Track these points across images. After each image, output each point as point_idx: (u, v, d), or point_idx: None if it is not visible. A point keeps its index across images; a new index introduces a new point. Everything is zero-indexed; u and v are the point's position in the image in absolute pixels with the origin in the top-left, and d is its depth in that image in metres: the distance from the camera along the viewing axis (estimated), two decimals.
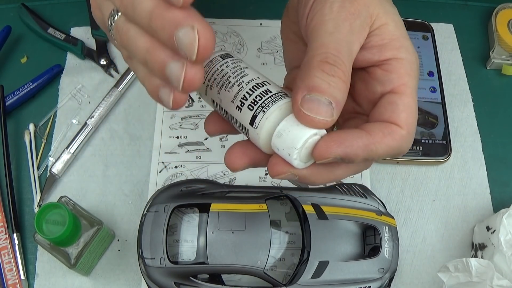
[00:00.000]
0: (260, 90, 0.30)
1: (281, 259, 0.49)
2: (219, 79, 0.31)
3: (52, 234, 0.43)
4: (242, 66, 0.32)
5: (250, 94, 0.30)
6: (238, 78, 0.31)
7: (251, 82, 0.31)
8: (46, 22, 0.60)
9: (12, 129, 0.56)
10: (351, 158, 0.29)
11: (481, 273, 0.43)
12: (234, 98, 0.30)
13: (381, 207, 0.50)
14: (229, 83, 0.31)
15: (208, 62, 0.32)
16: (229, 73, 0.31)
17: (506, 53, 0.60)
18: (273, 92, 0.30)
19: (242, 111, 0.30)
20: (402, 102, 0.31)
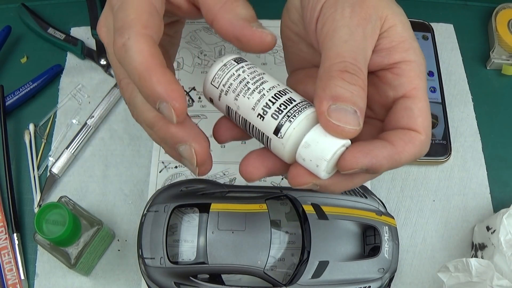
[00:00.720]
0: (283, 98, 0.29)
1: (281, 259, 0.49)
2: (236, 85, 0.30)
3: (52, 234, 0.43)
4: (259, 72, 0.31)
5: (274, 102, 0.29)
6: (258, 85, 0.30)
7: (273, 89, 0.30)
8: (46, 22, 0.60)
9: (12, 129, 0.56)
10: (376, 169, 0.29)
11: (481, 273, 0.43)
12: (255, 105, 0.29)
13: (381, 207, 0.50)
14: (248, 89, 0.30)
15: (222, 66, 0.31)
16: (247, 79, 0.30)
17: (506, 53, 0.60)
18: (298, 101, 0.29)
19: (265, 120, 0.29)
20: (416, 106, 0.31)
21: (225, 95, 0.30)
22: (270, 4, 0.63)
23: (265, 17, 0.62)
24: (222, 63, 0.31)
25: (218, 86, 0.31)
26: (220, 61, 0.31)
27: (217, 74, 0.31)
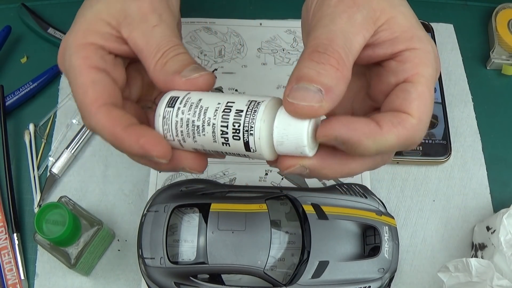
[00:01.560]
0: (232, 115, 0.28)
1: (281, 259, 0.49)
2: (187, 130, 0.30)
3: (52, 234, 0.43)
4: (195, 102, 0.30)
5: (226, 125, 0.29)
6: (202, 118, 0.29)
7: (218, 113, 0.29)
8: (46, 22, 0.60)
9: (12, 129, 0.56)
10: (354, 144, 0.28)
11: (481, 273, 0.43)
12: (214, 138, 0.29)
13: (381, 207, 0.50)
14: (198, 127, 0.29)
15: (163, 120, 0.30)
16: (191, 118, 0.30)
17: (506, 53, 0.60)
18: (245, 108, 0.28)
19: (231, 145, 0.29)
20: (415, 90, 0.29)
21: (184, 142, 0.31)
22: (271, 4, 0.63)
23: (266, 17, 0.62)
24: (160, 117, 0.31)
25: (174, 139, 0.31)
26: (158, 115, 0.31)
27: (165, 129, 0.31)
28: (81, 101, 0.32)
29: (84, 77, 0.32)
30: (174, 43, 0.32)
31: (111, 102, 0.32)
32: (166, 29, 0.33)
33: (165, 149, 0.30)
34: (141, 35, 0.32)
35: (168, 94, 0.31)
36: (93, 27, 0.33)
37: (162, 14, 0.33)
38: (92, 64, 0.32)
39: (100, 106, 0.31)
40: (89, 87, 0.31)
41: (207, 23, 0.62)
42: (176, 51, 0.32)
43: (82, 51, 0.32)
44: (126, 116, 0.31)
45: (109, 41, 0.33)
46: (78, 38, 0.33)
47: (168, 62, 0.31)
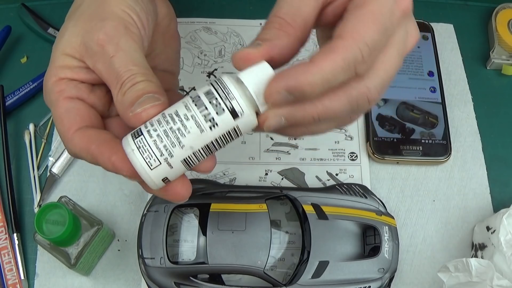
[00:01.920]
0: (203, 99, 0.29)
1: (281, 259, 0.50)
2: (169, 140, 0.29)
3: (52, 234, 0.43)
4: (160, 116, 0.30)
5: (205, 107, 0.29)
6: (178, 119, 0.29)
7: (190, 106, 0.29)
8: (46, 22, 0.60)
9: (12, 129, 0.56)
10: (300, 89, 0.28)
11: (481, 273, 0.43)
12: (200, 128, 0.29)
13: (381, 207, 0.50)
14: (180, 129, 0.29)
15: (138, 150, 0.30)
16: (166, 128, 0.29)
17: (506, 53, 0.61)
18: (211, 87, 0.30)
19: (219, 123, 0.29)
20: (354, 12, 0.29)
21: (172, 157, 0.29)
22: (271, 4, 0.63)
23: (265, 17, 0.62)
24: (134, 151, 0.30)
25: (160, 162, 0.29)
26: (131, 151, 0.30)
27: (146, 158, 0.29)
28: (60, 131, 0.33)
29: (59, 108, 0.33)
30: (131, 72, 0.31)
31: (86, 125, 0.33)
32: (123, 57, 0.32)
33: (130, 169, 0.30)
34: (102, 66, 0.33)
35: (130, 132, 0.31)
36: (62, 63, 0.34)
37: (120, 41, 0.32)
38: (66, 95, 0.33)
39: (75, 131, 0.32)
40: (64, 116, 0.33)
41: (207, 23, 0.62)
42: (132, 80, 0.31)
43: (56, 87, 0.33)
44: (100, 133, 0.32)
45: (79, 74, 0.34)
46: (51, 76, 0.34)
47: (126, 93, 0.31)
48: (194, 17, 0.62)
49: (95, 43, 0.32)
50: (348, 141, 0.56)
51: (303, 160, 0.55)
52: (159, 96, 0.31)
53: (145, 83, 0.32)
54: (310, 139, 0.56)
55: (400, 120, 0.56)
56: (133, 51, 0.33)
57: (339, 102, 0.30)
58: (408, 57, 0.59)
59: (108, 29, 0.32)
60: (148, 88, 0.31)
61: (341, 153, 0.55)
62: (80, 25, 0.34)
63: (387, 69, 0.31)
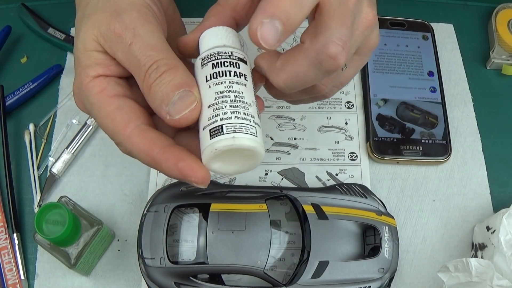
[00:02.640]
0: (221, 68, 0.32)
1: (281, 259, 0.50)
2: (243, 108, 0.31)
3: (52, 234, 0.43)
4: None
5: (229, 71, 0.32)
6: (226, 93, 0.31)
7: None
8: (46, 22, 0.60)
9: (12, 129, 0.56)
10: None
11: (481, 273, 0.43)
12: (243, 83, 0.32)
13: (381, 207, 0.50)
14: (238, 97, 0.31)
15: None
16: (233, 106, 0.31)
17: (506, 53, 0.61)
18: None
19: (244, 72, 0.33)
20: None
21: (253, 117, 0.31)
22: None
23: None
24: (231, 132, 0.30)
25: (254, 126, 0.31)
26: (231, 138, 0.30)
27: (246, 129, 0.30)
28: (112, 129, 0.32)
29: (107, 107, 0.32)
30: (151, 59, 0.31)
31: (142, 122, 0.32)
32: (141, 44, 0.31)
33: (203, 175, 0.30)
34: (122, 55, 0.32)
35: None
36: (88, 61, 0.33)
37: (136, 27, 0.32)
38: (110, 93, 0.32)
39: (133, 129, 0.31)
40: (116, 114, 0.32)
41: None
42: (156, 71, 0.31)
43: (95, 88, 0.32)
44: (161, 137, 0.32)
45: (110, 68, 0.33)
46: (83, 78, 0.33)
47: (152, 86, 0.31)
48: (194, 17, 0.62)
49: (112, 32, 0.32)
50: (348, 141, 0.56)
51: (303, 160, 0.55)
52: (190, 89, 0.31)
53: (171, 74, 0.31)
54: (310, 139, 0.56)
55: (400, 120, 0.56)
56: (151, 35, 0.32)
57: (301, 66, 0.31)
58: (408, 57, 0.60)
59: (124, 17, 0.32)
60: (176, 80, 0.31)
61: (341, 153, 0.55)
62: (93, 19, 0.33)
63: (337, 22, 0.31)
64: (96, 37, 0.32)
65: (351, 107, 0.58)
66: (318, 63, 0.31)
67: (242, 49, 0.34)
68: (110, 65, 0.33)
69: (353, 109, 0.58)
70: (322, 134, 0.56)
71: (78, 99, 0.35)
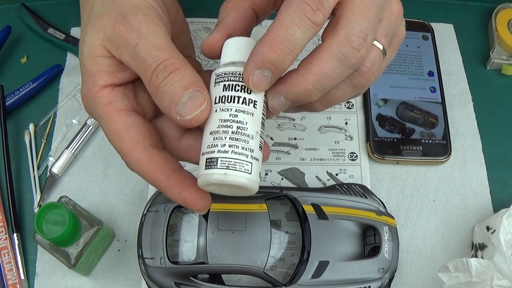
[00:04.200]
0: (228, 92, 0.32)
1: (281, 259, 0.50)
2: (243, 142, 0.31)
3: (52, 234, 0.43)
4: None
5: (238, 96, 0.31)
6: (230, 123, 0.31)
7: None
8: (46, 22, 0.60)
9: (12, 129, 0.56)
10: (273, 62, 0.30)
11: (481, 273, 0.43)
12: (250, 111, 0.31)
13: (381, 207, 0.50)
14: (240, 127, 0.31)
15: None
16: (233, 138, 0.30)
17: (506, 53, 0.61)
18: None
19: (255, 98, 0.32)
20: None
21: (252, 151, 0.31)
22: None
23: None
24: (224, 169, 0.30)
25: (251, 161, 0.31)
26: (223, 174, 0.30)
27: (240, 166, 0.30)
28: (119, 148, 0.32)
29: (115, 123, 0.32)
30: (158, 59, 0.31)
31: (149, 144, 0.32)
32: (146, 44, 0.31)
33: (205, 204, 0.32)
34: (128, 57, 0.32)
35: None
36: (94, 68, 0.33)
37: (141, 28, 0.31)
38: (118, 107, 0.33)
39: (140, 152, 0.32)
40: (123, 134, 0.32)
41: (207, 23, 0.62)
42: (164, 71, 0.31)
43: (102, 99, 0.32)
44: (167, 162, 0.32)
45: (116, 74, 0.33)
46: (90, 88, 0.33)
47: (160, 87, 0.31)
48: (194, 17, 0.62)
49: (117, 35, 0.31)
50: (348, 141, 0.56)
51: (303, 160, 0.55)
52: (199, 89, 0.31)
53: (178, 73, 0.31)
54: (310, 139, 0.56)
55: (400, 120, 0.56)
56: (157, 36, 0.32)
57: (327, 63, 0.31)
58: (408, 57, 0.60)
59: (129, 20, 0.32)
60: (185, 80, 0.31)
61: (341, 153, 0.55)
62: (98, 24, 0.33)
63: (358, 16, 0.31)
64: (102, 41, 0.32)
65: (351, 107, 0.58)
66: (343, 56, 0.31)
67: None
68: (116, 71, 0.33)
69: (353, 109, 0.58)
70: (322, 134, 0.56)
71: (86, 106, 0.35)
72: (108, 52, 0.33)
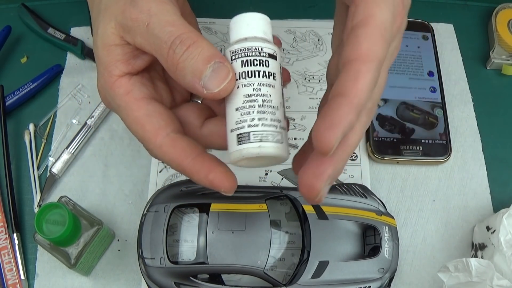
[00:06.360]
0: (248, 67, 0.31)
1: (281, 259, 0.50)
2: (271, 113, 0.31)
3: (52, 234, 0.43)
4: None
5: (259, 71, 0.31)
6: (254, 97, 0.31)
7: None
8: (46, 22, 0.60)
9: (12, 129, 0.56)
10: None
11: (481, 273, 0.43)
12: (271, 83, 0.31)
13: (381, 207, 0.50)
14: (265, 100, 0.31)
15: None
16: (260, 111, 0.31)
17: (506, 53, 0.61)
18: None
19: (273, 70, 0.32)
20: (365, 32, 0.28)
21: (280, 122, 0.31)
22: (271, 4, 0.63)
23: None
24: (257, 141, 0.30)
25: (280, 131, 0.31)
26: (257, 147, 0.30)
27: (272, 136, 0.31)
28: (142, 136, 0.32)
29: (136, 112, 0.32)
30: (172, 34, 0.30)
31: (172, 130, 0.32)
32: (158, 22, 0.31)
33: (232, 184, 0.31)
34: (141, 38, 0.31)
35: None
36: (109, 58, 0.32)
37: (151, 8, 0.31)
38: (137, 96, 0.32)
39: (163, 138, 0.31)
40: (145, 121, 0.32)
41: (207, 23, 0.62)
42: (182, 45, 0.30)
43: (120, 89, 0.32)
44: (192, 145, 0.32)
45: (131, 62, 0.33)
46: (107, 78, 0.32)
47: (180, 62, 0.30)
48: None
49: (128, 19, 0.31)
50: None
51: None
52: (221, 61, 0.30)
53: (197, 47, 0.30)
54: None
55: (400, 120, 0.56)
56: (167, 13, 0.31)
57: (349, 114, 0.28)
58: (408, 57, 0.60)
59: (137, 2, 0.31)
60: (205, 53, 0.30)
61: None
62: (109, 13, 0.33)
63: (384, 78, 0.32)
64: (114, 29, 0.32)
65: None
66: (363, 108, 0.29)
67: (272, 38, 0.33)
68: (130, 58, 0.33)
69: None
70: None
71: (103, 98, 0.34)
72: (121, 39, 0.32)
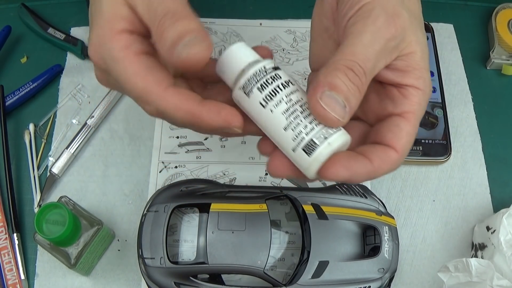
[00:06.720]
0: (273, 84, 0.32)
1: (281, 259, 0.50)
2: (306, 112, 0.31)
3: (52, 234, 0.43)
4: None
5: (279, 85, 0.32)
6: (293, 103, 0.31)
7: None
8: (46, 22, 0.60)
9: (12, 129, 0.56)
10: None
11: (481, 273, 0.43)
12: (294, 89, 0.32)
13: (381, 207, 0.50)
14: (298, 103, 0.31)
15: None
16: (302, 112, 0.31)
17: (506, 53, 0.61)
18: None
19: (290, 81, 0.32)
20: (406, 128, 0.33)
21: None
22: (271, 4, 0.63)
23: (265, 17, 0.62)
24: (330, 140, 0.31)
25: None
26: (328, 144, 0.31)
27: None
28: (143, 88, 0.31)
29: (135, 64, 0.31)
30: (170, 11, 0.30)
31: (172, 83, 0.32)
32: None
33: (241, 121, 0.32)
34: (141, 7, 0.31)
35: None
36: (113, 13, 0.32)
37: None
38: (135, 50, 0.32)
39: (166, 88, 0.31)
40: (147, 73, 0.31)
41: (207, 23, 0.62)
42: (172, 18, 0.30)
43: (118, 42, 0.31)
44: (193, 93, 0.32)
45: (135, 24, 0.32)
46: (107, 31, 0.32)
47: (164, 32, 0.30)
48: None
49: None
50: None
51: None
52: (202, 37, 0.30)
53: (185, 21, 0.30)
54: None
55: None
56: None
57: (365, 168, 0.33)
58: None
59: None
60: (191, 25, 0.30)
61: None
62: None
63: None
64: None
65: None
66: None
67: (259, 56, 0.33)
68: (134, 20, 0.32)
69: None
70: None
71: (95, 52, 0.33)
72: (126, 2, 0.32)
